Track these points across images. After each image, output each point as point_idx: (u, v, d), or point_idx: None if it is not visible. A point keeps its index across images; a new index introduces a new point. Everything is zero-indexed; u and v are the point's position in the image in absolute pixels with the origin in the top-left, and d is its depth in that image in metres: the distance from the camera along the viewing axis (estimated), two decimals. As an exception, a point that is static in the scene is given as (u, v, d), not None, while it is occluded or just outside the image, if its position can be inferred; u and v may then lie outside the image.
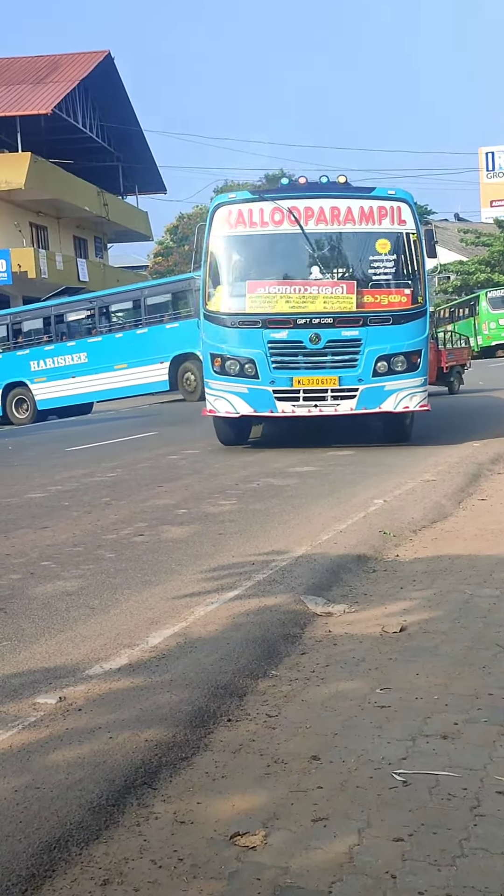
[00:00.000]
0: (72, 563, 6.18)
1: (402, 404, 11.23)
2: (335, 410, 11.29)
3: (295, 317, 11.18)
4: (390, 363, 11.15)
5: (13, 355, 25.22)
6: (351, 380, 11.20)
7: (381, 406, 11.23)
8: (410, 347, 11.14)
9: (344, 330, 11.10)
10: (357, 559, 5.92)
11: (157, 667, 4.08)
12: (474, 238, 51.21)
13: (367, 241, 11.34)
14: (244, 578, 5.50)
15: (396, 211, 11.36)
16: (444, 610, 4.78)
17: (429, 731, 3.33)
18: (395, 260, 11.27)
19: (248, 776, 3.07)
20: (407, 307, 11.18)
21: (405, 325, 11.16)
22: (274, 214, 11.44)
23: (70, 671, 4.09)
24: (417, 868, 2.47)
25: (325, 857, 2.55)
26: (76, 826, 2.75)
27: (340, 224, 11.39)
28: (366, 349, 11.11)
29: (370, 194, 11.44)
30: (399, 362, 11.14)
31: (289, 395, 11.29)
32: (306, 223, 11.34)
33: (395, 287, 11.28)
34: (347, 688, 3.80)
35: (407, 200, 11.41)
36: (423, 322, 11.31)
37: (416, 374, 11.23)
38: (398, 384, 11.20)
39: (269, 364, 11.26)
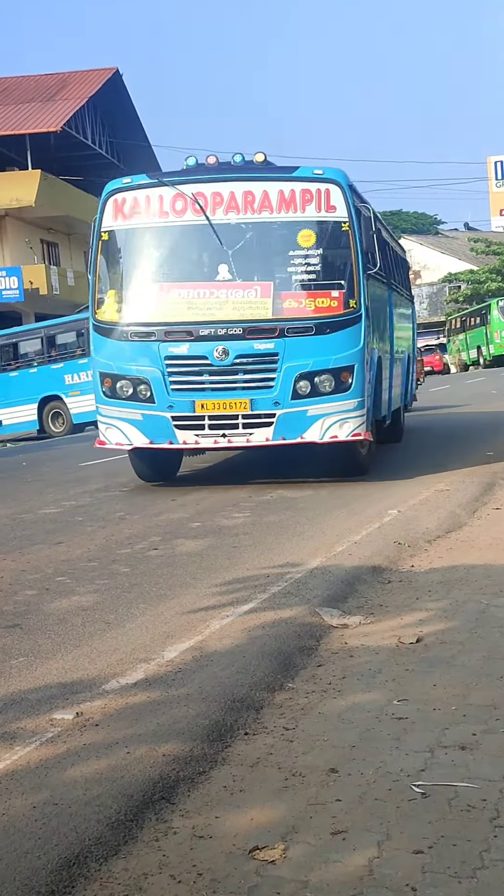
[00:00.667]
0: (87, 578, 6.19)
1: (330, 433, 9.21)
2: (247, 441, 9.40)
3: (198, 326, 9.31)
4: (314, 382, 9.19)
5: (48, 369, 25.23)
6: (266, 403, 9.25)
7: (303, 435, 9.26)
8: (340, 363, 9.16)
9: (257, 342, 9.21)
10: (372, 570, 5.91)
11: (174, 681, 4.07)
12: (484, 247, 51.20)
13: (288, 232, 9.41)
14: (259, 591, 5.49)
15: (324, 195, 9.32)
16: (460, 620, 4.76)
17: (447, 742, 3.31)
18: (321, 255, 9.33)
19: (267, 790, 3.06)
20: (336, 313, 9.21)
21: (333, 335, 9.20)
22: (175, 202, 9.55)
23: (87, 686, 4.09)
24: (438, 880, 2.46)
25: (344, 871, 2.54)
26: (95, 842, 2.75)
27: (255, 212, 9.42)
28: (284, 366, 9.18)
29: (292, 175, 9.45)
30: (325, 381, 9.17)
31: (191, 422, 9.38)
32: (213, 212, 9.43)
33: (322, 289, 9.30)
34: (364, 700, 3.78)
35: (338, 181, 9.36)
36: (357, 331, 9.24)
37: (347, 395, 9.18)
38: (324, 408, 9.20)
39: (166, 385, 9.38)
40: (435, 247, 60.28)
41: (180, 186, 9.53)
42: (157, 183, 9.66)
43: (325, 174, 9.37)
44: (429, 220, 73.24)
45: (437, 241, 62.96)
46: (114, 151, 41.93)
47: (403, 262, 15.63)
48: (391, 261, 12.76)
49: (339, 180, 9.37)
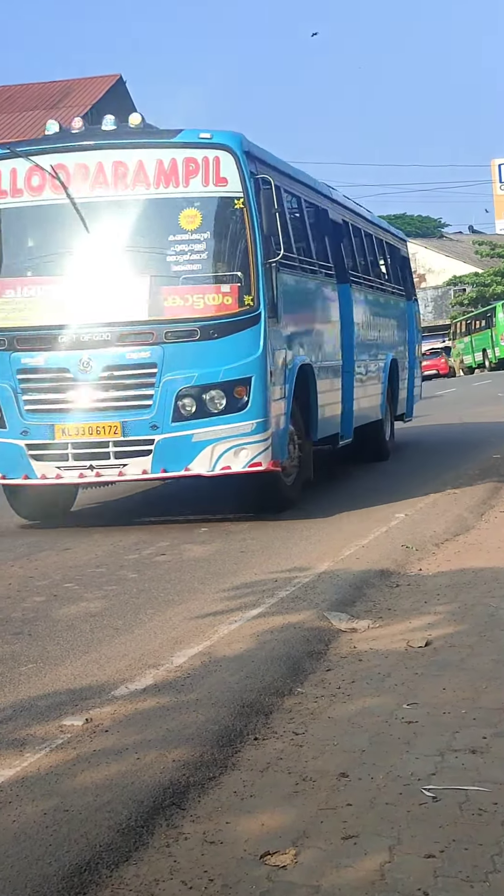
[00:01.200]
0: (95, 584, 6.19)
1: (222, 463, 7.39)
2: (120, 475, 7.67)
3: (57, 331, 7.59)
4: (201, 400, 7.38)
5: None
6: (141, 427, 7.47)
7: (188, 466, 7.49)
8: (232, 374, 7.30)
9: (130, 350, 7.48)
10: (380, 574, 5.90)
11: (183, 686, 4.07)
12: (489, 250, 51.19)
13: (168, 212, 7.60)
14: (267, 596, 5.49)
15: (213, 165, 7.45)
16: (469, 623, 4.75)
17: (457, 745, 3.31)
18: (209, 240, 7.46)
19: (277, 795, 3.05)
20: (229, 312, 7.35)
21: (224, 339, 7.32)
22: (31, 177, 7.78)
23: (96, 692, 4.09)
24: (449, 884, 2.45)
25: (356, 875, 2.53)
26: (106, 848, 2.74)
27: (128, 188, 7.60)
28: (163, 379, 7.41)
29: (173, 140, 7.64)
30: (214, 398, 7.36)
31: (51, 451, 7.67)
32: (77, 189, 7.64)
33: (211, 282, 7.45)
34: (374, 704, 3.78)
35: (229, 146, 7.47)
36: (255, 334, 7.32)
37: (242, 414, 7.34)
38: (213, 432, 7.37)
39: (19, 406, 7.65)
40: (439, 250, 60.28)
41: (36, 157, 7.72)
42: (7, 154, 7.86)
43: (214, 138, 7.51)
44: (433, 223, 73.26)
45: (442, 244, 62.96)
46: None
47: (392, 250, 13.79)
48: (356, 247, 11.27)
49: (230, 145, 7.47)
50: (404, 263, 14.66)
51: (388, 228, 14.04)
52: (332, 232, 10.17)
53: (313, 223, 9.66)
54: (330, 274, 9.79)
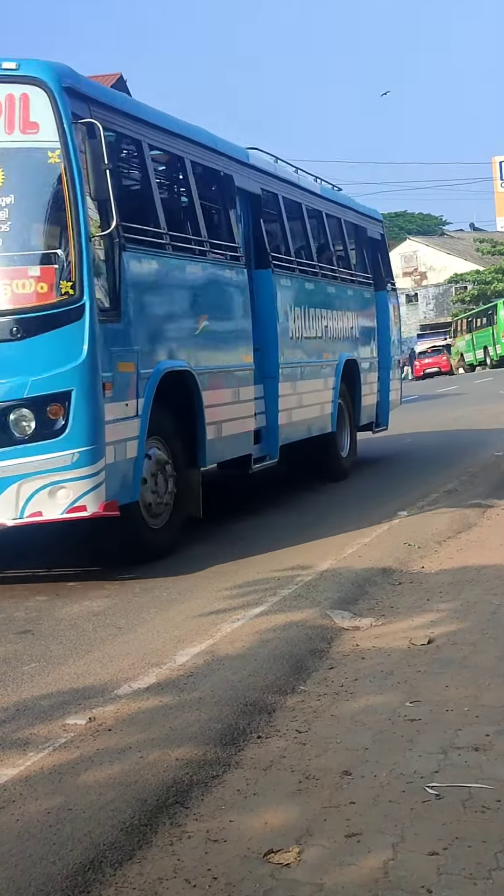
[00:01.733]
0: (97, 584, 6.19)
1: (32, 508, 5.63)
2: None
3: None
4: (1, 422, 5.66)
5: None
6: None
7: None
8: (45, 388, 5.60)
9: None
10: (382, 572, 5.90)
11: (186, 685, 4.07)
12: (490, 247, 51.17)
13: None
14: (269, 594, 5.49)
15: (19, 105, 5.74)
16: (471, 621, 4.75)
17: (460, 743, 3.31)
18: (12, 207, 5.74)
19: (280, 793, 3.06)
20: (40, 304, 5.67)
21: (33, 340, 5.64)
22: None
23: (99, 691, 4.10)
24: (453, 882, 2.45)
25: (359, 873, 2.53)
26: (109, 847, 2.75)
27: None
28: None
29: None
30: (20, 420, 5.66)
31: None
32: None
33: (14, 263, 5.76)
34: (377, 701, 3.78)
35: (43, 82, 5.74)
36: (78, 332, 5.65)
37: (60, 441, 5.62)
38: (19, 465, 5.62)
39: None
40: (440, 247, 60.27)
41: None
42: None
43: (21, 69, 5.77)
44: (434, 220, 73.27)
45: (443, 241, 62.96)
46: (118, 157, 41.97)
47: (356, 232, 11.85)
48: (290, 226, 9.41)
49: (43, 78, 5.74)
50: (376, 247, 12.54)
51: (352, 206, 11.92)
52: (243, 205, 8.35)
53: (205, 192, 7.84)
54: (236, 257, 7.95)
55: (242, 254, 8.11)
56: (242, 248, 8.15)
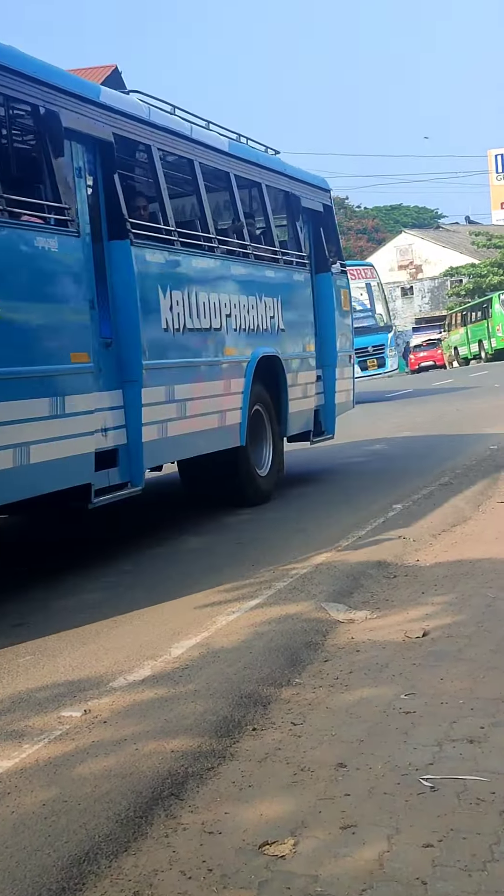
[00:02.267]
0: (92, 576, 6.19)
1: None
2: None
3: None
4: None
5: None
6: None
7: None
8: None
9: None
10: (377, 565, 5.91)
11: (181, 677, 4.08)
12: (486, 241, 51.13)
13: None
14: (264, 587, 5.50)
15: None
16: (467, 614, 4.76)
17: (455, 735, 3.31)
18: None
19: (275, 785, 3.06)
20: None
21: None
22: None
23: (94, 683, 4.10)
24: (448, 874, 2.46)
25: (354, 865, 2.54)
26: (105, 838, 2.75)
27: None
28: None
29: None
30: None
31: None
32: None
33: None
34: (372, 694, 3.78)
35: None
36: None
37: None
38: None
39: None
40: (436, 241, 60.23)
41: None
42: None
43: None
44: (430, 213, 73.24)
45: (438, 234, 62.91)
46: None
47: (287, 201, 9.79)
48: (167, 188, 7.33)
49: None
50: (317, 221, 10.43)
51: (283, 170, 9.74)
52: (86, 153, 6.47)
53: (13, 131, 6.35)
54: (64, 221, 5.93)
55: (78, 219, 6.05)
56: (81, 212, 6.18)
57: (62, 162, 6.02)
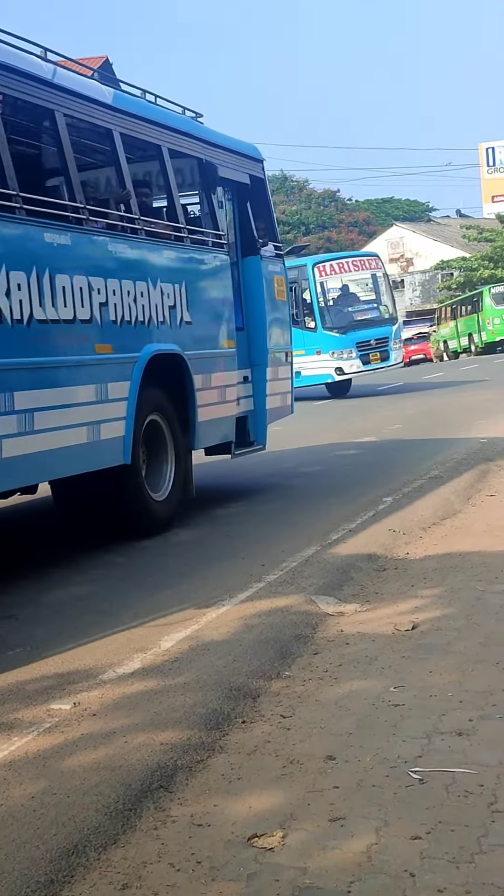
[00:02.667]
0: (82, 569, 6.18)
1: None
2: None
3: None
4: None
5: None
6: None
7: None
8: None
9: None
10: (367, 558, 5.91)
11: (171, 670, 4.08)
12: (477, 234, 51.16)
13: None
14: (254, 580, 5.50)
15: None
16: (456, 607, 4.77)
17: (444, 728, 3.32)
18: None
19: (264, 777, 3.07)
20: None
21: None
22: None
23: (83, 676, 4.10)
24: (436, 866, 2.47)
25: (343, 857, 2.55)
26: (93, 831, 2.75)
27: None
28: None
29: None
30: None
31: None
32: None
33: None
34: (361, 687, 3.79)
35: None
36: None
37: None
38: None
39: None
40: (427, 234, 60.25)
41: None
42: None
43: None
44: (421, 207, 73.25)
45: (430, 228, 62.92)
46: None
47: (201, 170, 8.15)
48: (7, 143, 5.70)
49: None
50: (243, 195, 8.85)
51: (197, 133, 8.15)
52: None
53: None
54: None
55: None
56: None
57: None
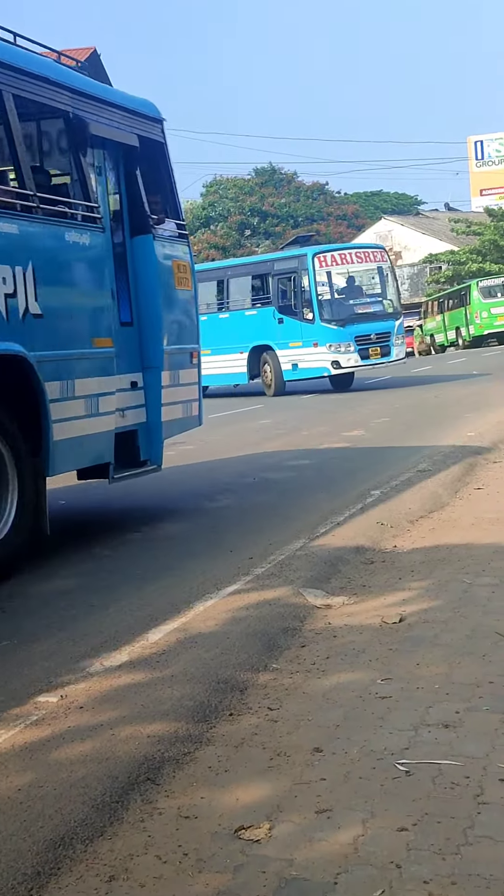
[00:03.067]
0: (69, 562, 6.17)
1: None
2: None
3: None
4: None
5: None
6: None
7: None
8: None
9: None
10: (355, 551, 5.92)
11: (158, 662, 4.08)
12: (465, 227, 51.20)
13: None
14: (242, 573, 5.50)
15: None
16: (443, 599, 4.78)
17: (430, 720, 3.33)
18: None
19: (252, 770, 3.07)
20: None
21: None
22: None
23: (71, 669, 4.09)
24: (422, 857, 2.48)
25: (329, 849, 2.55)
26: (80, 823, 2.75)
27: None
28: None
29: None
30: None
31: None
32: None
33: None
34: (348, 679, 3.80)
35: None
36: None
37: None
38: None
39: None
40: (416, 227, 60.23)
41: None
42: None
43: None
44: (409, 200, 73.19)
45: (418, 221, 62.91)
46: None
47: (66, 126, 6.62)
48: None
49: None
50: (132, 160, 7.23)
51: (56, 77, 6.43)
52: None
53: None
54: None
55: None
56: None
57: None
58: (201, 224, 59.70)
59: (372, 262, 21.62)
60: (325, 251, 21.16)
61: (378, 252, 22.26)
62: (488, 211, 49.24)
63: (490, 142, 58.21)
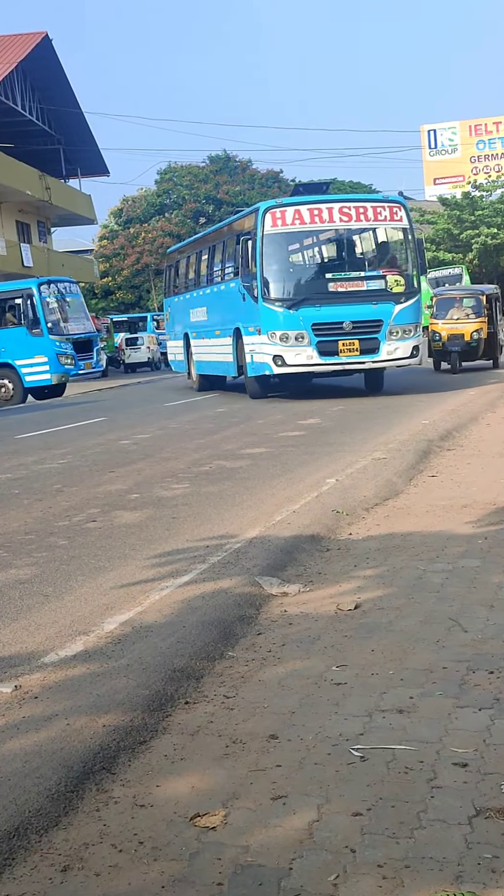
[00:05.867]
0: (24, 551, 6.13)
1: None
2: None
3: None
4: None
5: None
6: None
7: None
8: None
9: None
10: (311, 539, 5.94)
11: (113, 652, 4.06)
12: (419, 216, 51.39)
13: None
14: (198, 562, 5.50)
15: None
16: (397, 586, 4.82)
17: (385, 706, 3.36)
18: None
19: (207, 757, 3.08)
20: None
21: None
22: None
23: (25, 659, 4.06)
24: (376, 841, 2.50)
25: (284, 835, 2.57)
26: (35, 813, 2.74)
27: None
28: None
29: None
30: None
31: None
32: None
33: None
34: (304, 666, 3.82)
35: None
36: None
37: None
38: None
39: None
40: (370, 216, 60.27)
41: None
42: None
43: None
44: (364, 189, 73.32)
45: (373, 210, 62.94)
46: (45, 118, 41.22)
47: None
48: None
49: None
50: None
51: None
52: None
53: None
54: None
55: None
56: None
57: None
58: (156, 212, 59.38)
59: (362, 222, 15.90)
60: (283, 205, 15.62)
61: (388, 207, 15.94)
62: (441, 200, 49.52)
63: (443, 131, 58.47)
